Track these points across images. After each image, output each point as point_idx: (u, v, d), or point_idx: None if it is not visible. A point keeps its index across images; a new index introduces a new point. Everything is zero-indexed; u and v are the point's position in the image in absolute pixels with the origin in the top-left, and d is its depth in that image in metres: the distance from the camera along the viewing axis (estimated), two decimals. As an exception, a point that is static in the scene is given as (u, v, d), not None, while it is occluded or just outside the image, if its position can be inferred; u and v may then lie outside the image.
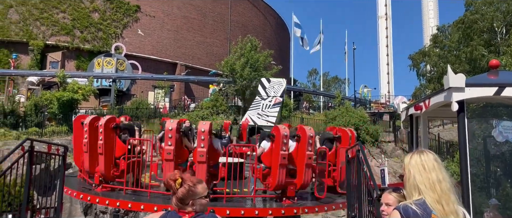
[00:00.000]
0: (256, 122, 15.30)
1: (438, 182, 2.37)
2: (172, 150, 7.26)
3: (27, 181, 5.47)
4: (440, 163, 2.47)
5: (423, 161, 2.44)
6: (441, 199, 2.35)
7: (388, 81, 57.19)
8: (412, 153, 2.54)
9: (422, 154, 2.47)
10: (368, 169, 5.28)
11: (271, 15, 48.89)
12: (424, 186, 2.38)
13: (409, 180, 2.44)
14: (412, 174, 2.43)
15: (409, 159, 2.49)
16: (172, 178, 2.46)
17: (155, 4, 38.36)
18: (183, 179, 2.45)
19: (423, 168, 2.41)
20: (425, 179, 2.39)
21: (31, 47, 33.58)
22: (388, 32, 58.86)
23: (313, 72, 77.64)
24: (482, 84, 5.15)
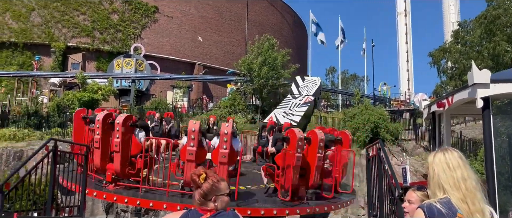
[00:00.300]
0: (279, 121, 15.18)
1: (463, 180, 2.32)
2: (194, 150, 7.32)
3: (52, 180, 5.59)
4: (465, 161, 2.41)
5: (448, 159, 2.38)
6: (467, 198, 2.29)
7: (408, 79, 56.37)
8: (435, 151, 2.49)
9: (446, 152, 2.42)
10: (389, 167, 5.21)
11: (288, 13, 48.72)
12: (449, 185, 2.33)
13: (433, 178, 2.39)
14: (436, 173, 2.38)
15: (433, 158, 2.44)
16: (197, 173, 2.48)
17: (172, 4, 38.67)
18: (207, 174, 2.47)
19: (448, 166, 2.36)
20: (450, 177, 2.34)
21: (53, 49, 34.26)
22: (407, 29, 58.01)
23: (331, 70, 77.11)
24: (508, 80, 5.00)
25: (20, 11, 34.76)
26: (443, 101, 5.54)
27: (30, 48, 34.43)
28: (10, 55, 34.17)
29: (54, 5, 35.22)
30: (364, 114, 21.72)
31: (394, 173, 5.23)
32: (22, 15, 34.70)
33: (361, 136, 20.85)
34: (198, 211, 2.46)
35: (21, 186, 5.46)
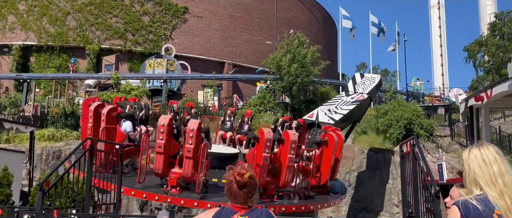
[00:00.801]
0: (318, 118, 14.28)
1: (500, 175, 2.23)
2: (192, 148, 7.71)
3: (89, 178, 5.76)
4: (502, 156, 2.32)
5: (483, 154, 2.31)
6: (504, 194, 2.20)
7: (442, 73, 54.85)
8: (470, 147, 2.41)
9: (481, 147, 2.34)
10: (424, 164, 5.08)
11: (317, 9, 48.30)
12: (485, 181, 2.25)
13: (469, 175, 2.31)
14: (471, 169, 2.31)
15: (468, 153, 2.37)
16: (241, 172, 2.50)
17: (202, 4, 39.05)
18: (250, 173, 2.51)
19: (484, 161, 2.28)
20: (486, 173, 2.26)
21: (88, 51, 35.29)
22: (441, 22, 56.41)
23: (362, 66, 75.94)
24: None
25: (56, 16, 35.98)
26: (482, 95, 5.35)
27: (66, 51, 35.59)
28: (48, 58, 35.44)
29: (88, 8, 36.26)
30: (397, 110, 21.30)
31: (429, 170, 5.10)
32: (58, 19, 35.90)
33: (394, 132, 20.46)
34: (231, 209, 2.49)
35: (60, 184, 5.66)
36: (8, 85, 33.13)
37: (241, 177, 2.47)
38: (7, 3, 36.05)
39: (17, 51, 34.63)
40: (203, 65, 37.55)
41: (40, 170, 17.55)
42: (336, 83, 36.88)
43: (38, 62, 35.38)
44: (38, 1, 36.16)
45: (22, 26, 35.61)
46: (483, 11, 60.06)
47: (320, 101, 27.34)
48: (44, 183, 5.32)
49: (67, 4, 36.26)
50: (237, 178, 2.48)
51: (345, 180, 20.40)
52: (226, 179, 2.54)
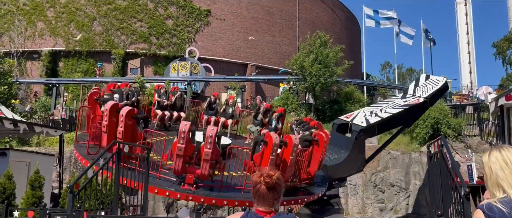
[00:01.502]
0: (355, 119, 13.01)
1: None
2: (210, 152, 8.44)
3: (117, 181, 5.88)
4: None
5: (505, 156, 2.27)
6: None
7: (470, 71, 53.43)
8: (490, 150, 2.39)
9: (502, 149, 2.31)
10: (453, 165, 4.97)
11: (340, 9, 47.90)
12: (508, 182, 2.21)
13: (491, 178, 2.28)
14: (493, 171, 2.28)
15: (489, 156, 2.34)
16: (269, 175, 2.50)
17: (224, 7, 39.30)
18: (279, 175, 2.52)
19: (505, 163, 2.25)
20: (508, 175, 2.23)
21: (113, 55, 36.02)
22: (468, 19, 54.97)
23: (386, 65, 74.90)
24: None
25: (83, 21, 36.88)
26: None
27: (93, 55, 36.41)
28: (75, 63, 36.36)
29: (113, 14, 37.01)
30: (423, 109, 20.92)
31: (458, 171, 4.98)
32: (85, 25, 36.78)
33: (421, 132, 20.11)
34: (255, 213, 2.48)
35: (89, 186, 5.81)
36: (37, 90, 34.15)
37: (270, 178, 2.48)
38: (37, 10, 37.18)
39: (46, 57, 35.66)
40: (226, 67, 37.76)
41: (69, 172, 18.02)
42: (360, 83, 36.48)
43: (66, 67, 36.33)
44: (66, 7, 37.15)
45: (51, 33, 36.65)
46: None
47: (344, 102, 27.12)
48: (74, 186, 5.47)
49: (93, 10, 37.11)
50: (266, 180, 2.48)
51: (371, 181, 20.17)
52: (252, 181, 2.55)
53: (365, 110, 14.32)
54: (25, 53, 35.57)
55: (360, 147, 12.57)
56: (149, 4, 37.67)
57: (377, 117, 12.97)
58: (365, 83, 39.25)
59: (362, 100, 28.56)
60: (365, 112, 13.91)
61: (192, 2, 38.38)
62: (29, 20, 37.02)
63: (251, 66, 38.83)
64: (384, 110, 13.45)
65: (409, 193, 19.72)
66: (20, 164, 12.33)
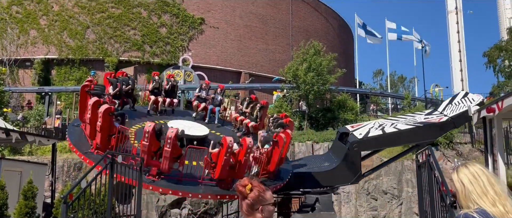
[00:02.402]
0: (357, 130, 12.79)
1: (490, 185, 2.38)
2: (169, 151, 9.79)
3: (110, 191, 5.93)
4: (489, 171, 2.50)
5: (472, 170, 2.46)
6: (496, 202, 2.34)
7: (462, 79, 54.01)
8: (457, 167, 2.56)
9: (468, 165, 2.51)
10: (439, 174, 5.10)
11: (333, 17, 48.31)
12: (477, 194, 2.38)
13: (462, 192, 2.44)
14: (464, 185, 2.44)
15: (457, 173, 2.51)
16: (243, 184, 2.56)
17: (218, 15, 39.50)
18: (253, 184, 2.55)
19: (473, 176, 2.42)
20: (477, 186, 2.39)
21: (107, 64, 36.00)
22: (459, 27, 55.67)
23: (378, 73, 75.39)
24: None
25: (76, 29, 36.88)
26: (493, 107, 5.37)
27: (86, 63, 36.37)
28: (68, 71, 36.30)
29: (107, 22, 37.06)
30: (415, 117, 21.11)
31: (444, 180, 5.11)
32: (78, 33, 36.78)
33: (413, 140, 20.28)
34: None
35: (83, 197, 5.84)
36: (30, 98, 34.01)
37: (243, 187, 2.54)
38: (29, 18, 37.14)
39: (38, 65, 35.56)
40: (220, 75, 37.87)
41: (62, 181, 17.95)
42: (353, 91, 36.72)
43: (59, 75, 36.24)
44: (59, 15, 37.15)
45: (43, 40, 36.59)
46: (503, 15, 59.08)
47: (337, 110, 27.29)
48: (67, 196, 5.51)
49: (86, 18, 37.14)
50: (239, 188, 2.55)
51: (364, 188, 20.28)
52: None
53: (376, 122, 13.78)
54: (18, 61, 35.46)
55: (353, 159, 12.27)
56: (143, 12, 37.78)
57: (380, 131, 12.44)
58: (358, 91, 39.52)
59: (355, 108, 28.75)
60: (375, 124, 13.40)
61: (186, 10, 38.55)
62: (22, 28, 36.95)
63: (245, 74, 38.97)
64: (394, 125, 12.68)
65: (402, 201, 19.85)
66: (13, 173, 12.30)
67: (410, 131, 12.09)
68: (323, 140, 22.51)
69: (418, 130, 12.08)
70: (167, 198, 18.30)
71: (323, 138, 22.77)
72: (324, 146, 21.65)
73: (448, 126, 12.25)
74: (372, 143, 12.39)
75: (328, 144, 20.62)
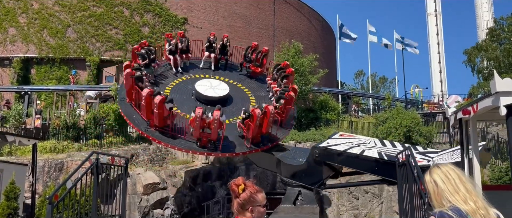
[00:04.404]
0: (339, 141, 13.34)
1: (461, 183, 2.51)
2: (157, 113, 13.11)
3: (95, 192, 5.93)
4: (460, 170, 2.62)
5: (443, 171, 2.58)
6: (467, 199, 2.46)
7: (441, 80, 55.11)
8: (429, 169, 2.69)
9: (441, 166, 2.64)
10: (418, 174, 5.27)
11: (316, 19, 48.69)
12: (449, 192, 2.51)
13: (435, 192, 2.58)
14: (437, 185, 2.56)
15: (429, 175, 2.64)
16: (236, 183, 2.64)
17: (201, 15, 39.41)
18: (246, 185, 2.63)
19: (445, 175, 2.55)
20: (449, 184, 2.52)
21: (88, 63, 35.54)
22: (438, 29, 56.79)
23: (360, 73, 76.25)
24: None
25: (56, 28, 36.30)
26: (468, 109, 5.60)
27: (67, 63, 35.82)
28: (48, 70, 35.68)
29: (88, 20, 36.59)
30: (396, 117, 21.53)
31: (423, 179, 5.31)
32: (59, 31, 36.21)
33: (394, 140, 20.65)
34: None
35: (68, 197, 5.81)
36: (9, 97, 33.34)
37: (236, 187, 2.62)
38: (8, 16, 36.41)
39: (18, 64, 34.87)
40: (203, 75, 37.76)
41: (42, 182, 17.70)
42: (335, 92, 37.09)
43: (39, 74, 35.62)
44: (39, 14, 36.52)
45: (23, 39, 35.91)
46: (480, 17, 60.52)
47: (320, 110, 27.55)
48: (53, 197, 5.49)
49: (67, 16, 36.60)
50: (232, 187, 2.63)
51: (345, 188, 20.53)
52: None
53: (363, 139, 13.52)
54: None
55: (314, 163, 12.81)
56: (125, 11, 37.42)
57: (346, 149, 12.25)
58: (340, 92, 39.94)
59: (337, 108, 29.06)
60: (359, 140, 13.22)
61: (168, 10, 38.34)
62: (0, 26, 36.20)
63: (228, 74, 38.96)
64: (367, 149, 12.24)
65: (382, 200, 20.17)
66: (-8, 174, 12.09)
67: (370, 160, 11.30)
68: (305, 140, 22.70)
69: (377, 162, 11.18)
70: (150, 198, 18.22)
71: (306, 138, 22.97)
72: (306, 146, 21.84)
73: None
74: (333, 156, 12.13)
75: (311, 143, 20.83)
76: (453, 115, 6.72)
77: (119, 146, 21.33)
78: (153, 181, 18.36)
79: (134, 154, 19.91)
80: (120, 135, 22.74)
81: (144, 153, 20.58)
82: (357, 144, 12.73)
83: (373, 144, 12.93)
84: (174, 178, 19.18)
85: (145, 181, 18.23)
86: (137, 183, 17.90)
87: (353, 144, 12.75)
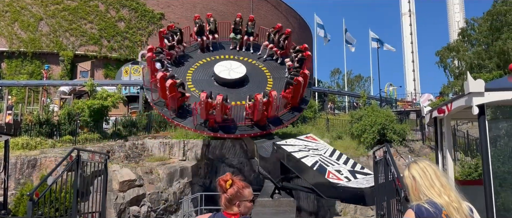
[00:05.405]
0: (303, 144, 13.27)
1: (436, 177, 2.69)
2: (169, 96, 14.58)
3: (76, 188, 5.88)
4: (436, 166, 2.82)
5: (421, 166, 2.77)
6: (442, 193, 2.65)
7: (414, 79, 56.41)
8: (408, 165, 2.89)
9: (418, 161, 2.84)
10: (395, 170, 5.46)
11: (293, 17, 48.99)
12: (425, 186, 2.69)
13: (413, 186, 2.76)
14: (415, 180, 2.74)
15: (408, 170, 2.82)
16: (224, 179, 2.72)
17: (178, 11, 39.09)
18: (233, 181, 2.71)
19: (422, 170, 2.73)
20: (425, 179, 2.70)
21: (61, 57, 34.77)
22: (412, 29, 58.07)
23: (336, 71, 77.21)
24: (500, 88, 5.35)
25: (28, 21, 35.36)
26: (443, 108, 5.86)
27: (39, 57, 34.95)
28: (20, 64, 34.74)
29: (62, 14, 35.77)
30: (371, 115, 21.91)
31: (400, 175, 5.48)
32: (31, 25, 35.28)
33: (368, 137, 21.04)
34: (223, 215, 2.71)
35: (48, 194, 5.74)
36: (-22, 92, 32.31)
37: (224, 182, 2.71)
38: (-23, 8, 35.26)
39: (-13, 58, 33.84)
40: (179, 72, 37.51)
41: (14, 179, 17.27)
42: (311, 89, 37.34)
43: (9, 69, 34.63)
44: (10, 6, 35.47)
45: (-8, 32, 34.85)
46: (452, 18, 62.19)
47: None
48: (33, 194, 5.42)
49: (40, 9, 35.69)
50: (220, 182, 2.72)
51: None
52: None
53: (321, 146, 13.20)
54: (-36, 53, 33.61)
55: (273, 159, 13.13)
56: (100, 5, 36.76)
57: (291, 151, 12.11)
58: (316, 90, 40.34)
59: (314, 106, 29.36)
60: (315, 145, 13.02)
61: (145, 5, 37.86)
62: (-31, 18, 35.03)
63: (205, 71, 38.81)
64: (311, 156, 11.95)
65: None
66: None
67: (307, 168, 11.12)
68: (282, 137, 22.86)
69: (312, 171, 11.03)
70: (126, 196, 18.03)
71: (283, 135, 23.14)
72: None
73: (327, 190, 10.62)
74: (284, 157, 12.06)
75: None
76: (428, 113, 6.97)
77: (94, 143, 20.99)
78: (129, 178, 18.16)
79: (110, 150, 19.63)
80: (95, 131, 22.39)
81: (120, 150, 20.31)
82: (309, 149, 12.38)
83: (323, 153, 12.37)
84: (150, 174, 19.01)
85: (121, 178, 18.00)
86: (113, 180, 17.67)
87: (303, 147, 12.45)
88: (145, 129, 23.44)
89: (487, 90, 5.17)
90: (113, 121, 23.74)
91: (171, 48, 17.07)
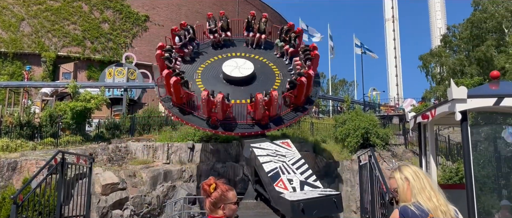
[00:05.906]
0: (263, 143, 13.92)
1: (427, 182, 2.82)
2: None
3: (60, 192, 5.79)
4: (424, 171, 2.99)
5: (413, 169, 2.90)
6: (432, 197, 2.76)
7: (397, 84, 57.16)
8: (398, 168, 3.00)
9: (410, 165, 2.97)
10: (380, 174, 5.53)
11: (279, 20, 49.20)
12: (417, 188, 2.79)
13: (404, 188, 2.87)
14: (408, 181, 2.84)
15: (400, 172, 2.93)
16: (208, 183, 2.74)
17: (163, 13, 38.91)
18: (217, 184, 2.74)
19: (415, 174, 2.85)
20: (418, 182, 2.81)
21: (44, 58, 34.24)
22: (395, 35, 58.88)
23: (321, 75, 77.71)
24: (482, 95, 5.50)
25: (9, 21, 34.74)
26: (427, 114, 6.00)
27: (20, 58, 34.36)
28: (0, 65, 34.08)
29: (44, 14, 35.25)
30: (354, 119, 22.11)
31: (384, 179, 5.56)
32: (12, 25, 34.67)
33: (352, 141, 21.22)
34: None
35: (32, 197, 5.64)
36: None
37: (207, 186, 2.73)
38: (-44, 7, 34.50)
39: (-34, 58, 33.11)
40: (164, 74, 37.29)
41: (-6, 182, 16.89)
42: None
43: (-11, 69, 33.97)
44: (-10, 6, 34.83)
45: (-28, 32, 34.14)
46: (434, 25, 63.28)
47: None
48: (17, 197, 5.31)
49: (21, 9, 35.11)
50: (204, 187, 2.74)
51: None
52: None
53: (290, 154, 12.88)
54: None
55: (251, 163, 13.44)
56: (84, 6, 36.36)
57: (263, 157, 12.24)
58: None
59: (298, 109, 29.47)
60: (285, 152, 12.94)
61: (129, 7, 37.59)
62: None
63: (190, 73, 38.67)
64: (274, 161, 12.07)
65: (341, 199, 20.70)
66: None
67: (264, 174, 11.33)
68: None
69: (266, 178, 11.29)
70: (109, 199, 17.81)
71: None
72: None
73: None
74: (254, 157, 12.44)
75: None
76: (412, 119, 7.11)
77: (76, 145, 20.69)
78: (112, 181, 17.93)
79: (93, 153, 19.37)
80: (77, 134, 22.07)
81: (103, 152, 20.06)
82: (277, 154, 12.50)
83: (287, 160, 12.29)
84: (134, 178, 18.82)
85: (104, 181, 17.77)
86: (96, 183, 17.43)
87: (272, 153, 12.58)
88: (128, 131, 23.21)
89: (470, 97, 5.32)
90: (96, 123, 23.46)
91: (183, 46, 17.22)
